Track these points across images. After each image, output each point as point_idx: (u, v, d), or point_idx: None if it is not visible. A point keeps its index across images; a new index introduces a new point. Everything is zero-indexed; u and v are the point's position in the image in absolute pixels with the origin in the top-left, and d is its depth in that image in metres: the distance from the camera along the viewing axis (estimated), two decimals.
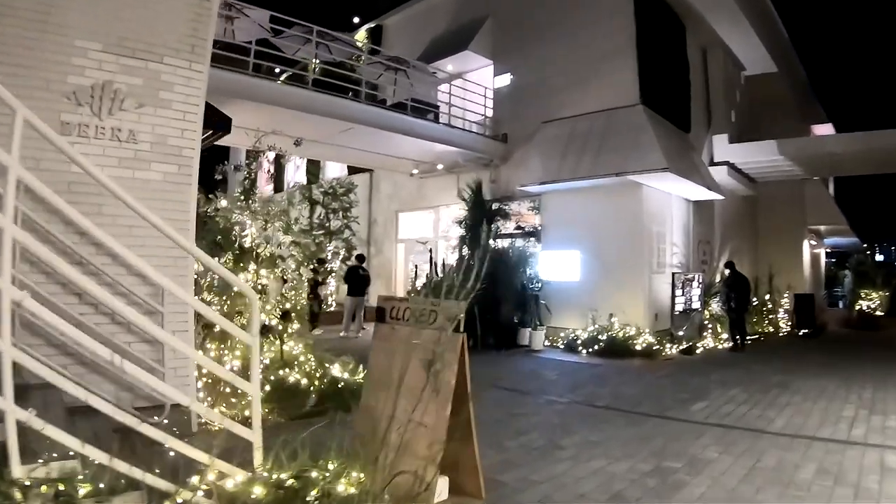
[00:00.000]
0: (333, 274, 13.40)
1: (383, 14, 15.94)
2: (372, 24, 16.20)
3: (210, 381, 5.00)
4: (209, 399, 4.96)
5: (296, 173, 18.90)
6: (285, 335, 6.24)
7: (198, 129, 4.61)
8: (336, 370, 5.86)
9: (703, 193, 11.66)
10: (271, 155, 21.48)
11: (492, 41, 12.96)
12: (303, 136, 10.62)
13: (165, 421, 4.29)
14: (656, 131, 9.91)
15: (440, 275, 11.36)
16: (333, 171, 17.01)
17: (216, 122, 7.08)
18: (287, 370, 5.65)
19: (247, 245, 6.13)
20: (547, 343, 10.44)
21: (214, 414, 2.92)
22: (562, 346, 10.18)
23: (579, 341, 9.84)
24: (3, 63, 3.92)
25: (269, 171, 21.55)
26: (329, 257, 14.04)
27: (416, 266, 12.88)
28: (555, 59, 11.54)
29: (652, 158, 9.50)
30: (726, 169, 12.80)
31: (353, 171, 16.10)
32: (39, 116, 4.11)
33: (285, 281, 7.05)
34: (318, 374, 5.69)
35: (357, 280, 11.75)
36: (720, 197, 12.21)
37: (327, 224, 14.62)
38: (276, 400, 5.19)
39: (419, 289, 11.75)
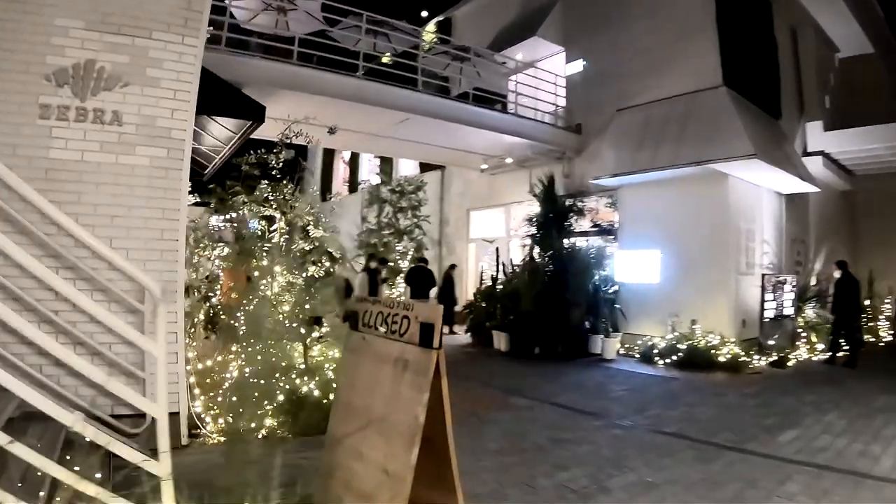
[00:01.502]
0: (396, 274, 12.93)
1: (452, 6, 15.34)
2: (441, 18, 15.66)
3: (209, 389, 4.59)
4: (212, 408, 4.54)
5: (370, 173, 18.82)
6: (309, 339, 5.71)
7: (190, 108, 4.18)
8: None
9: (797, 185, 10.24)
10: (346, 155, 21.89)
11: (562, 26, 12.07)
12: (358, 128, 10.20)
13: (135, 431, 3.92)
14: (742, 115, 8.69)
15: (506, 276, 10.58)
16: (406, 169, 16.59)
17: (248, 111, 6.78)
18: (305, 378, 5.11)
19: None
20: (621, 352, 9.34)
21: (90, 430, 2.32)
22: (637, 356, 9.06)
23: (656, 351, 8.70)
24: None
25: (343, 171, 21.89)
26: (398, 257, 13.63)
27: (482, 267, 12.09)
28: (629, 42, 10.54)
29: (737, 145, 8.27)
30: (821, 160, 11.16)
31: (424, 168, 15.66)
32: (16, 101, 3.88)
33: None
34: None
35: (419, 280, 11.16)
36: (816, 189, 10.66)
37: (396, 223, 14.20)
38: (287, 412, 4.65)
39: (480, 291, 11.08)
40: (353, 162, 20.94)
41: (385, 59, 11.64)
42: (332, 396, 4.81)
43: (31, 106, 3.76)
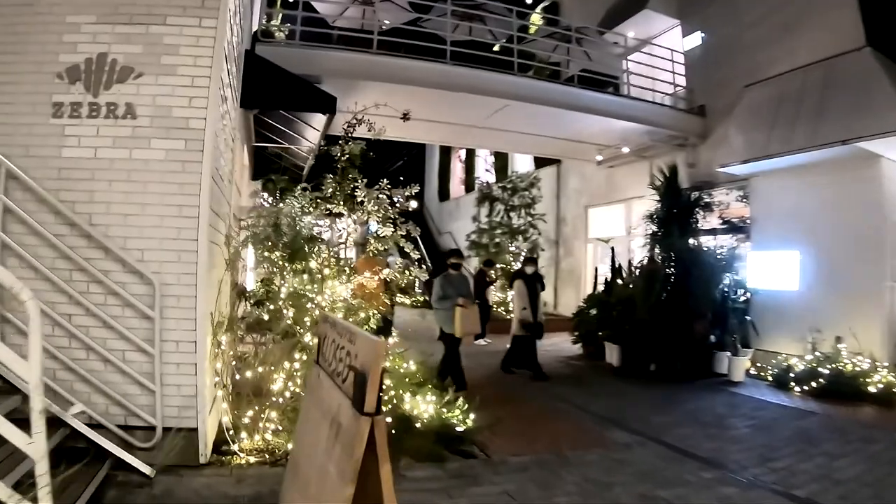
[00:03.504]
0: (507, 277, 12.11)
1: None
2: (546, 2, 14.60)
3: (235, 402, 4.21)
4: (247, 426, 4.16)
5: (484, 171, 18.28)
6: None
7: (211, 94, 3.81)
8: (418, 403, 4.61)
9: None
10: (462, 154, 21.49)
11: None
12: (450, 119, 9.58)
13: (146, 446, 3.62)
14: (894, 80, 6.82)
15: (622, 279, 9.26)
16: (522, 166, 15.82)
17: (318, 103, 6.46)
18: None
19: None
20: (751, 372, 7.80)
21: None
22: (769, 380, 7.46)
23: (792, 374, 7.08)
24: None
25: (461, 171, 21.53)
26: (511, 259, 13.00)
27: (595, 269, 10.83)
28: (751, 6, 9.05)
29: (890, 117, 6.48)
30: None
31: (539, 164, 14.84)
32: (29, 101, 3.70)
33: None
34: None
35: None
36: None
37: (508, 222, 13.50)
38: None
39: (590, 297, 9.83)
40: (469, 160, 20.59)
41: (495, 48, 10.88)
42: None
43: (44, 105, 3.64)
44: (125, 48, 3.72)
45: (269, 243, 4.74)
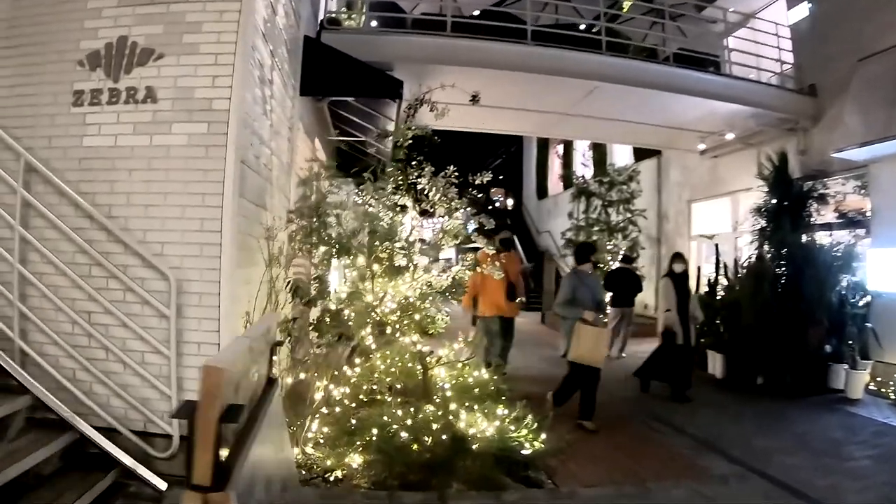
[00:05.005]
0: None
1: None
2: None
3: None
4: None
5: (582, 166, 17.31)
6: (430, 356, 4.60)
7: (236, 72, 3.50)
8: (476, 420, 4.02)
9: None
10: (560, 149, 20.58)
11: None
12: (538, 107, 8.89)
13: (163, 456, 3.31)
14: None
15: (727, 280, 8.25)
16: (621, 159, 14.82)
17: (381, 88, 6.13)
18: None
19: None
20: (872, 387, 6.60)
21: None
22: (892, 397, 6.29)
23: None
24: (17, 46, 3.60)
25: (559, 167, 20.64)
26: (608, 258, 12.01)
27: (699, 269, 9.80)
28: None
29: None
30: None
31: (639, 157, 13.92)
32: (51, 91, 3.49)
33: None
34: (436, 425, 3.84)
35: (622, 285, 9.36)
36: None
37: (606, 218, 12.63)
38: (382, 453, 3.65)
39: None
40: (567, 155, 19.77)
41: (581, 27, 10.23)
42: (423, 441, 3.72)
43: (66, 95, 3.49)
44: (146, 29, 3.51)
45: (315, 238, 4.38)
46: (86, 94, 3.47)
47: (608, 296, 9.17)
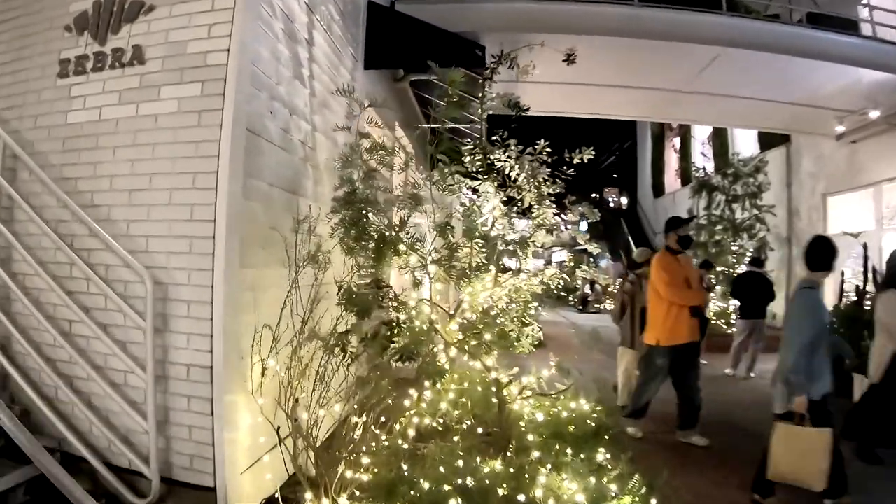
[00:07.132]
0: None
1: None
2: None
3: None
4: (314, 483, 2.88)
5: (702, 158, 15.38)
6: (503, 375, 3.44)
7: (238, 21, 2.73)
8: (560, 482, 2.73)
9: None
10: (677, 143, 18.28)
11: None
12: (648, 84, 7.48)
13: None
14: None
15: (876, 286, 6.12)
16: (744, 148, 12.96)
17: (458, 55, 5.17)
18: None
19: None
20: None
21: None
22: None
23: None
24: (10, 19, 3.20)
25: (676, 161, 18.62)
26: (733, 260, 10.58)
27: (842, 273, 7.67)
28: None
29: None
30: None
31: (765, 146, 12.28)
32: (39, 63, 2.90)
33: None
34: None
35: (752, 291, 7.63)
36: None
37: (730, 215, 10.99)
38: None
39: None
40: (685, 148, 17.77)
41: None
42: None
43: (53, 66, 2.97)
44: None
45: (353, 234, 3.43)
46: (71, 62, 2.93)
47: (735, 304, 7.90)
